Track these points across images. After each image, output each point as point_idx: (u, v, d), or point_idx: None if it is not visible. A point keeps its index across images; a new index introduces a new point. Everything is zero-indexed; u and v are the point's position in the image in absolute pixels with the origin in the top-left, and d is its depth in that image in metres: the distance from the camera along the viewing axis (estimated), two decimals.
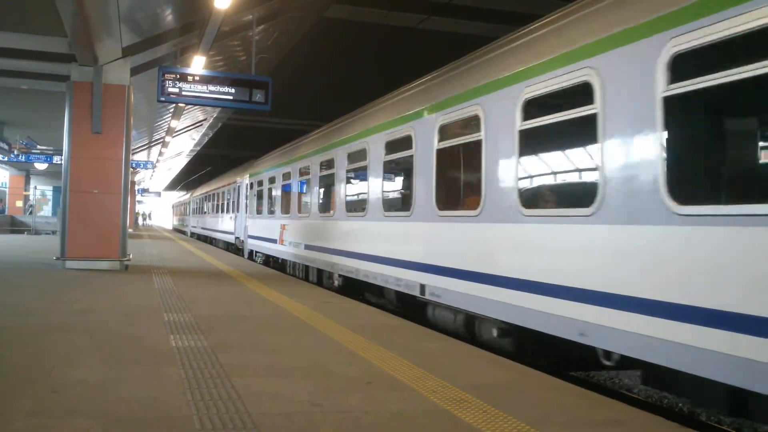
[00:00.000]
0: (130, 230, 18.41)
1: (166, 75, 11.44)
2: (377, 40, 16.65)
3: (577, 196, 5.71)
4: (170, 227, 68.28)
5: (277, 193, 16.75)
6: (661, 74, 4.54)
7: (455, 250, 7.45)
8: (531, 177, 6.45)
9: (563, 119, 5.65)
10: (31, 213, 36.88)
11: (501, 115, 6.52)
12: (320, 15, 14.27)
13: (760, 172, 4.84)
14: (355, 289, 11.11)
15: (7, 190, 41.57)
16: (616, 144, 5.02)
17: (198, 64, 12.28)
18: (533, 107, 6.07)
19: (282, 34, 14.86)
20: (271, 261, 17.82)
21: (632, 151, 4.86)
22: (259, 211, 19.33)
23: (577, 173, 6.21)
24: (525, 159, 6.28)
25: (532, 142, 6.20)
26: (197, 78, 11.65)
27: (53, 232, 30.61)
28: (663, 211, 4.47)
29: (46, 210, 43.05)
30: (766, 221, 3.78)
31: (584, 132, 5.32)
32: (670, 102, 4.49)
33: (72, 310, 7.45)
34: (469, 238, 7.17)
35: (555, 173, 6.55)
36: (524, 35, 6.64)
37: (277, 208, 16.46)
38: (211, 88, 11.69)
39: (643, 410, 4.23)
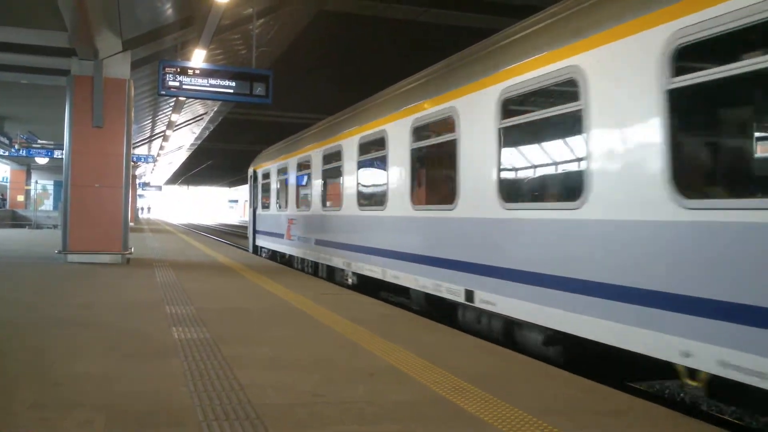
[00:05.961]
0: (131, 224, 18.42)
1: (166, 69, 11.43)
2: (377, 32, 16.61)
3: None
4: (248, 234, 20.83)
5: None
6: None
7: None
8: None
9: None
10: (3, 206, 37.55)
11: None
12: (320, 8, 14.25)
13: None
14: None
15: (8, 184, 41.64)
16: None
17: (198, 57, 12.27)
18: None
19: (282, 27, 14.84)
20: None
21: None
22: None
23: None
24: None
25: None
26: (198, 72, 11.63)
27: (54, 227, 30.64)
28: None
29: (48, 204, 43.12)
30: None
31: None
32: None
33: (74, 304, 7.47)
34: None
35: None
36: None
37: None
38: (212, 81, 11.67)
39: (645, 400, 4.24)
